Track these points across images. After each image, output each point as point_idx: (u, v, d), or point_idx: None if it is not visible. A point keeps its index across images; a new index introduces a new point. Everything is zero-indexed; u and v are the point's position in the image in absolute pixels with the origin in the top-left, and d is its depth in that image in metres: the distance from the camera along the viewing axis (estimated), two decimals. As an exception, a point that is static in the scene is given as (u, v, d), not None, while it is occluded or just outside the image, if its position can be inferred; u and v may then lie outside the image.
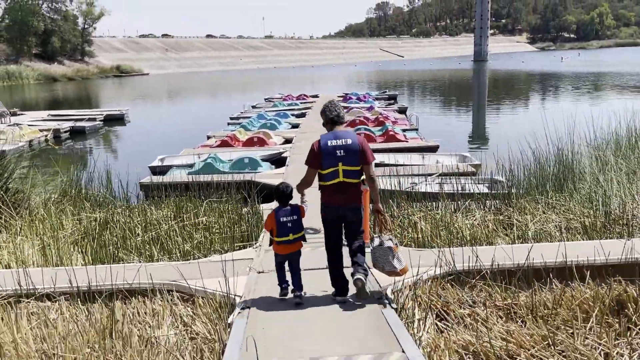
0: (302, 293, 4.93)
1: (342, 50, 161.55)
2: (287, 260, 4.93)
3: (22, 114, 29.38)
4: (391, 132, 17.41)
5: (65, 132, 24.71)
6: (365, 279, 4.80)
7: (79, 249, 7.30)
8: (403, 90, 44.05)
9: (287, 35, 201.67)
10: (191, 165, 14.60)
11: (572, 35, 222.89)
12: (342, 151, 4.66)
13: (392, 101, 32.29)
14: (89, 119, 26.85)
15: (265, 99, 35.08)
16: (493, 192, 10.14)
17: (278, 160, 15.85)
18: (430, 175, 12.38)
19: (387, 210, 8.45)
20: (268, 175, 13.48)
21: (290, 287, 5.00)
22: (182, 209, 8.87)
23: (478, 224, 7.80)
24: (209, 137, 20.23)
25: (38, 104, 42.78)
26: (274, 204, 5.86)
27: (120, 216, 8.39)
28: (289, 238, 4.77)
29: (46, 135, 22.51)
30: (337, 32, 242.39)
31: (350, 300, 4.92)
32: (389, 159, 14.86)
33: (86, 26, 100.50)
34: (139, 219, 8.26)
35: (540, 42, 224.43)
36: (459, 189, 10.22)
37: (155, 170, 14.69)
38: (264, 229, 6.61)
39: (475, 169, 13.14)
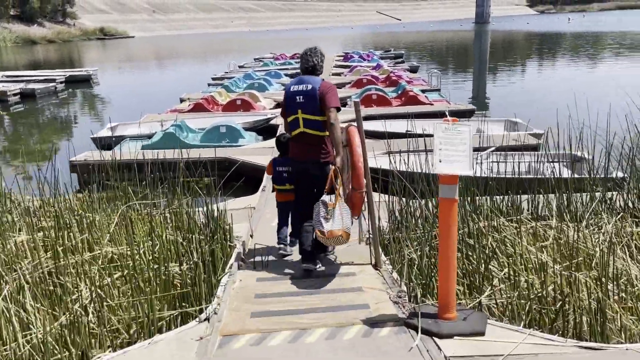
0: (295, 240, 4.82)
1: (338, 13, 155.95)
2: (287, 208, 4.84)
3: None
4: (411, 93, 13.70)
5: (15, 95, 20.79)
6: (315, 264, 4.35)
7: None
8: (408, 52, 39.79)
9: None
10: (150, 136, 10.90)
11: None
12: (301, 97, 4.26)
13: (400, 60, 28.31)
14: (45, 80, 22.84)
15: (254, 59, 31.04)
16: (592, 176, 6.51)
17: (266, 129, 12.18)
18: (479, 150, 8.79)
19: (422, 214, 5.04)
20: (251, 151, 9.83)
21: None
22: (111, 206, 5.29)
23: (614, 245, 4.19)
24: (182, 101, 16.45)
25: (17, 67, 38.40)
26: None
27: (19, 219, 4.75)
28: (285, 187, 4.79)
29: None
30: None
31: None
32: (411, 127, 11.20)
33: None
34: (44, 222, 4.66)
35: (540, 4, 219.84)
36: (532, 171, 6.70)
37: (102, 143, 11.00)
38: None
39: (537, 140, 9.58)
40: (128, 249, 3.97)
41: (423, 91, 15.38)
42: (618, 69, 25.97)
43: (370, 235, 4.45)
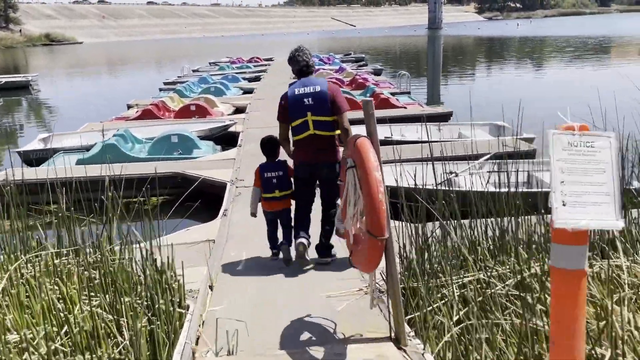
0: (289, 245, 4.50)
1: (293, 19, 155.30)
2: (277, 218, 4.57)
3: None
4: (382, 96, 12.62)
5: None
6: (308, 246, 4.38)
7: None
8: (368, 57, 38.97)
9: (234, 4, 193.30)
10: (89, 149, 9.38)
11: (518, 5, 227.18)
12: (310, 99, 4.21)
13: (362, 63, 27.36)
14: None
15: (210, 63, 29.50)
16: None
17: (224, 138, 10.84)
18: (470, 159, 7.80)
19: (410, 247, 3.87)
20: (208, 164, 8.48)
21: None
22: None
23: None
24: (129, 107, 14.86)
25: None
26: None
27: None
28: (275, 195, 4.49)
29: None
30: (286, 1, 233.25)
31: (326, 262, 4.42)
32: (390, 133, 10.12)
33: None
34: None
35: (488, 12, 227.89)
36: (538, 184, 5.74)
37: (30, 158, 9.43)
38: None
39: (528, 145, 8.66)
40: (17, 334, 2.57)
41: (392, 94, 14.35)
42: (575, 69, 25.84)
43: (383, 296, 3.38)
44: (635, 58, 32.12)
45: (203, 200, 7.77)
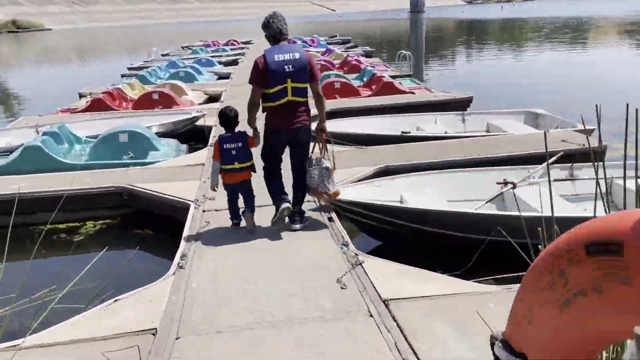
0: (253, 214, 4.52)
1: (271, 4, 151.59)
2: (237, 189, 4.53)
3: None
4: (385, 80, 10.50)
5: None
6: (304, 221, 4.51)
7: None
8: (355, 40, 36.56)
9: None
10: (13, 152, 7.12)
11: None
12: (290, 66, 4.20)
13: (350, 45, 25.11)
14: None
15: (182, 47, 26.98)
16: None
17: (191, 134, 8.68)
18: (522, 162, 5.87)
19: None
20: (167, 172, 6.28)
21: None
22: None
23: None
24: (81, 97, 12.48)
25: None
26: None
27: None
28: (234, 166, 4.42)
29: None
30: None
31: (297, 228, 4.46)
32: (400, 125, 8.06)
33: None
34: None
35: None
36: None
37: None
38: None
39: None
40: None
41: (393, 77, 12.23)
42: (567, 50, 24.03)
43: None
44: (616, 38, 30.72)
45: (157, 225, 5.64)
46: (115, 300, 3.29)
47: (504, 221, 4.10)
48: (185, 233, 4.36)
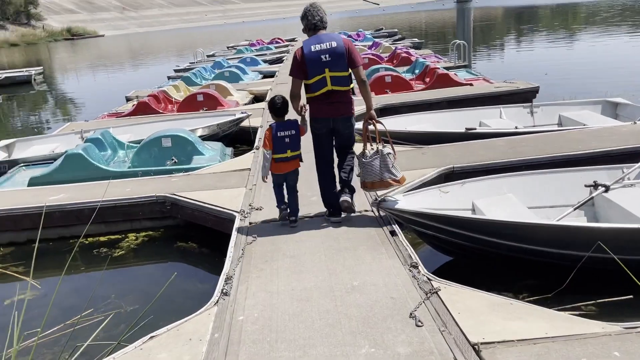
0: (296, 217, 4.48)
1: (314, 1, 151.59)
2: (284, 180, 4.45)
3: None
4: (440, 72, 9.80)
5: None
6: (352, 200, 4.39)
7: None
8: (402, 33, 35.51)
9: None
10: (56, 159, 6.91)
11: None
12: (327, 55, 4.14)
13: (397, 37, 24.29)
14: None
15: (227, 47, 26.89)
16: None
17: (236, 136, 8.30)
18: (610, 160, 5.10)
19: None
20: (212, 180, 5.87)
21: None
22: None
23: None
24: (128, 100, 12.37)
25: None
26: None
27: None
28: (286, 155, 4.34)
29: None
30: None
31: (344, 220, 4.41)
32: (461, 120, 7.36)
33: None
34: None
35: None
36: None
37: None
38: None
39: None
40: None
41: (447, 69, 11.47)
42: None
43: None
44: None
45: (202, 238, 5.22)
46: (151, 338, 2.83)
47: (608, 234, 3.41)
48: (230, 251, 3.89)
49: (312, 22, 4.24)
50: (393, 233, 3.96)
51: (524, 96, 8.68)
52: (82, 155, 6.22)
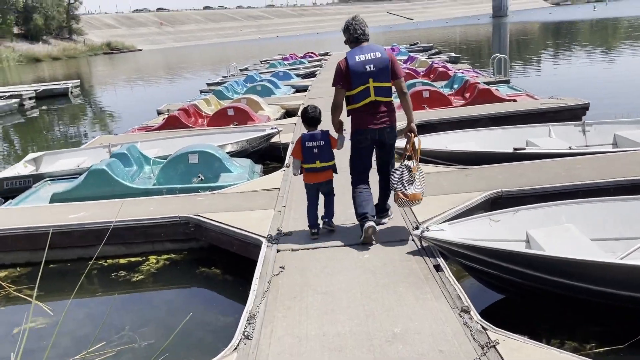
0: (330, 222, 4.48)
1: (348, 16, 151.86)
2: (318, 189, 4.40)
3: None
4: (481, 87, 9.31)
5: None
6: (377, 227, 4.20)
7: None
8: (438, 48, 34.90)
9: (288, 4, 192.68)
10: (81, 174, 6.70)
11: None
12: (371, 66, 4.17)
13: (433, 51, 23.81)
14: (9, 97, 18.95)
15: (261, 61, 26.88)
16: None
17: (266, 153, 7.98)
18: None
19: None
20: (239, 200, 5.53)
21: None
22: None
23: None
24: (159, 114, 12.25)
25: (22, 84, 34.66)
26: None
27: None
28: (315, 165, 4.30)
29: None
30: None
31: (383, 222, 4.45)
32: (506, 139, 6.86)
33: (72, 1, 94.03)
34: None
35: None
36: None
37: (4, 187, 6.92)
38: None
39: None
40: None
41: (487, 84, 10.95)
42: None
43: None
44: None
45: (227, 263, 4.87)
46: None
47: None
48: (255, 283, 3.51)
49: (355, 36, 4.28)
50: (438, 268, 3.51)
51: (573, 113, 8.12)
52: (106, 171, 5.98)
